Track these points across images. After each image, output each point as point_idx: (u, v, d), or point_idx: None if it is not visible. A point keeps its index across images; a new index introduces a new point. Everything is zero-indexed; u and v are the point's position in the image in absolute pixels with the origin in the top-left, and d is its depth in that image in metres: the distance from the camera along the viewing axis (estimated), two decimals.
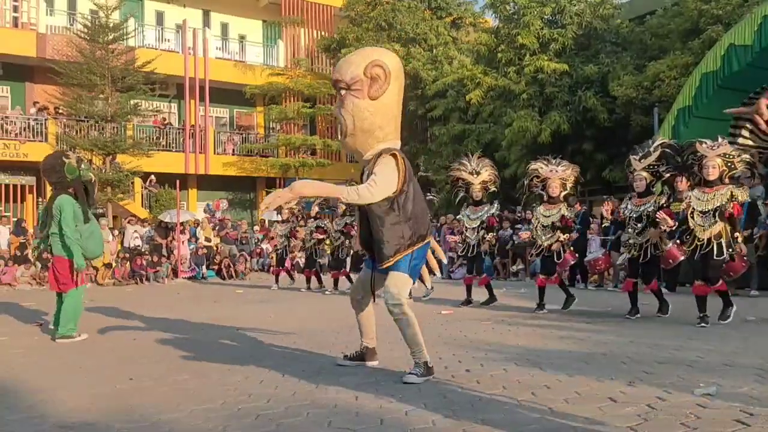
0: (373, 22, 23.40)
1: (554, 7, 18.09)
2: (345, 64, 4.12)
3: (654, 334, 5.97)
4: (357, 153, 4.17)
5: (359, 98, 3.97)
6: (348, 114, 3.97)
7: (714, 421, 2.97)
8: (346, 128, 4.00)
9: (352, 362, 4.56)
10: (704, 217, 6.67)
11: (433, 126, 22.26)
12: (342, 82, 3.99)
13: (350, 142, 4.07)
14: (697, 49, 13.87)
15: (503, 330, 6.50)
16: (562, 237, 8.02)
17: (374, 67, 3.99)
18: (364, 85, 3.97)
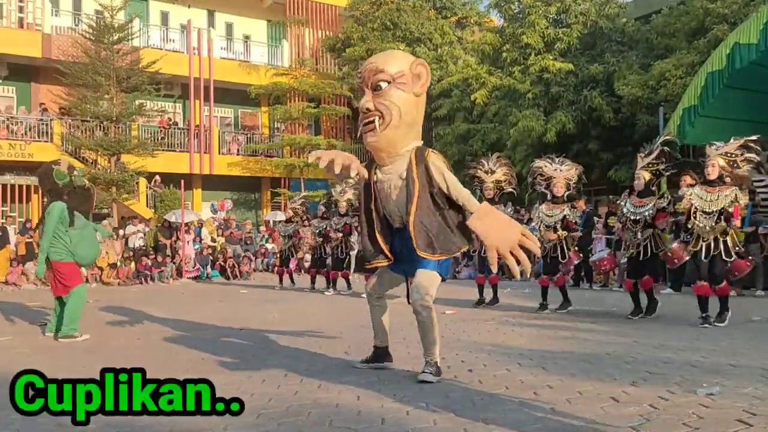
0: (378, 22, 23.38)
1: (559, 6, 18.03)
2: (388, 57, 4.16)
3: (658, 335, 5.94)
4: (392, 146, 4.05)
5: (406, 92, 4.00)
6: (394, 105, 3.95)
7: (716, 421, 2.95)
8: (390, 119, 3.94)
9: (368, 364, 4.50)
10: (708, 217, 6.64)
11: (438, 126, 22.24)
12: (386, 74, 3.97)
13: (391, 134, 3.99)
14: (702, 48, 13.81)
15: (507, 330, 6.48)
16: (561, 234, 7.99)
17: (418, 66, 4.09)
18: (409, 80, 4.01)
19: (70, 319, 6.39)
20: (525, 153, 18.27)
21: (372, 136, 4.02)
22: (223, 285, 15.14)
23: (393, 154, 4.06)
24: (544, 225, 8.13)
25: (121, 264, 15.70)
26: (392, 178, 4.09)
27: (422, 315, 4.02)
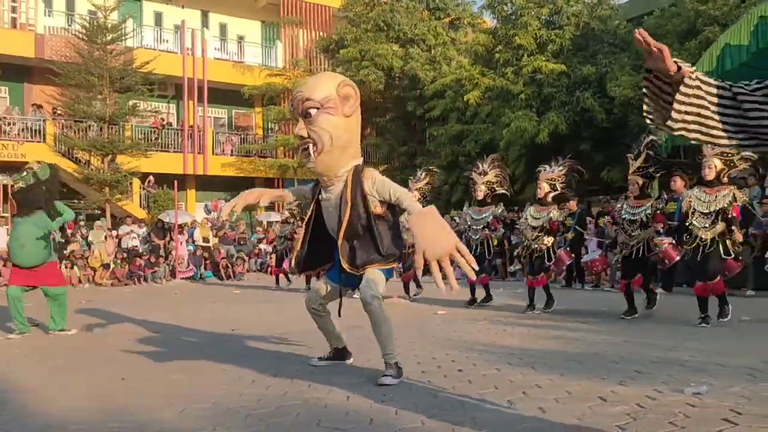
0: (372, 23, 23.40)
1: (552, 8, 18.10)
2: (315, 84, 4.25)
3: (648, 334, 5.97)
4: (329, 170, 4.22)
5: (334, 115, 4.10)
6: (325, 131, 4.07)
7: (703, 420, 2.97)
8: (322, 145, 4.07)
9: (328, 362, 4.64)
10: (706, 217, 6.68)
11: (432, 126, 22.29)
12: (314, 101, 4.08)
13: (326, 159, 4.14)
14: (694, 49, 13.87)
15: (498, 330, 6.50)
16: (547, 241, 8.05)
17: (345, 87, 4.18)
18: (337, 103, 4.12)
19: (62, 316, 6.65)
20: (518, 153, 18.32)
21: (309, 162, 4.18)
22: (216, 286, 15.13)
23: (332, 176, 4.22)
24: (530, 226, 8.18)
25: (115, 265, 15.67)
26: (332, 198, 4.26)
27: (372, 305, 4.10)
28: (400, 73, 23.12)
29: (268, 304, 10.00)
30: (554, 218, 8.07)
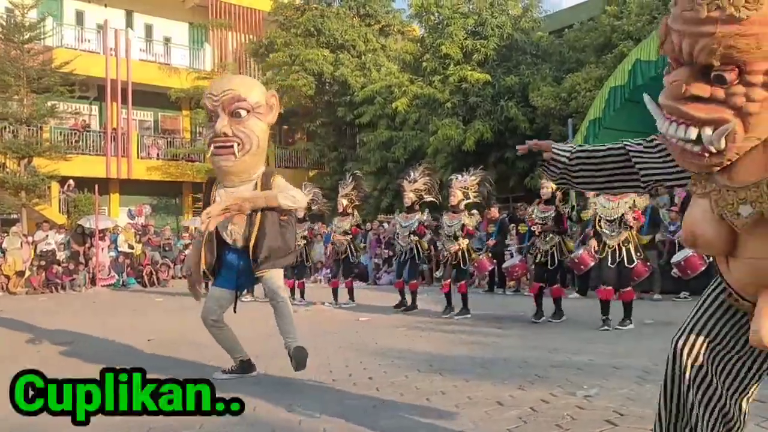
0: (302, 28, 23.36)
1: (477, 18, 18.52)
2: (248, 86, 4.35)
3: (556, 338, 6.22)
4: (246, 172, 4.32)
5: (262, 121, 4.27)
6: (254, 134, 4.19)
7: (587, 422, 3.15)
8: (250, 147, 4.17)
9: (232, 375, 4.59)
10: (610, 225, 7.04)
11: (362, 132, 22.42)
12: (247, 103, 4.18)
13: (249, 160, 4.24)
14: (610, 63, 14.47)
15: (415, 336, 6.64)
16: (462, 243, 8.30)
17: (272, 97, 4.38)
18: (265, 110, 4.28)
19: None
20: (445, 161, 18.64)
21: (228, 160, 4.21)
22: (138, 293, 14.76)
23: (245, 179, 4.31)
24: (445, 234, 8.42)
25: (30, 272, 15.08)
26: None
27: (279, 300, 4.33)
28: (331, 78, 23.17)
29: (192, 311, 9.79)
30: (467, 224, 8.33)
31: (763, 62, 1.51)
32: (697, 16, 1.54)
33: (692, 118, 1.59)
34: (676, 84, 1.62)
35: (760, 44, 1.49)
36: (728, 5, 1.49)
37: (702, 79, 1.58)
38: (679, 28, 1.59)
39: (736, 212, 1.67)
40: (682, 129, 1.61)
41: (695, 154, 1.63)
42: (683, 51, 1.59)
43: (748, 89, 1.54)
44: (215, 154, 4.25)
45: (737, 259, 1.77)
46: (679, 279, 9.24)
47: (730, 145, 1.57)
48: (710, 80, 1.56)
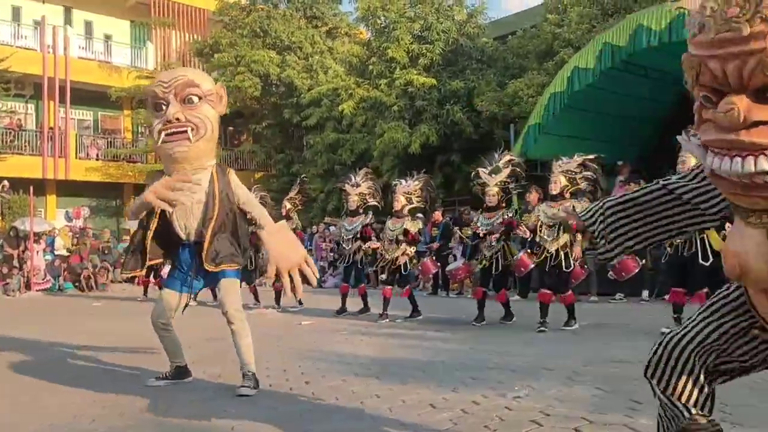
0: (248, 28, 23.12)
1: (423, 23, 18.68)
2: (198, 74, 4.37)
3: (494, 341, 6.33)
4: (199, 159, 4.18)
5: (214, 109, 4.21)
6: (208, 120, 4.12)
7: (514, 423, 3.22)
8: (205, 132, 4.10)
9: (167, 381, 4.50)
10: (551, 230, 7.24)
11: (309, 134, 22.33)
12: (200, 89, 4.15)
13: (203, 146, 4.15)
14: (551, 69, 14.79)
15: (356, 340, 6.66)
16: (409, 250, 8.38)
17: (221, 89, 4.36)
18: (216, 99, 4.24)
19: None
20: (392, 163, 18.73)
21: (182, 146, 4.09)
22: (76, 298, 14.36)
23: (197, 166, 4.17)
24: (387, 239, 8.48)
25: None
26: (199, 191, 4.17)
27: (236, 324, 4.17)
28: (277, 80, 23.00)
29: (130, 317, 9.62)
30: (409, 229, 8.40)
31: None
32: (740, 34, 1.39)
33: (760, 146, 1.42)
34: (731, 113, 1.43)
35: None
36: (759, 21, 1.36)
37: (761, 101, 1.42)
38: (718, 53, 1.44)
39: None
40: (750, 162, 1.43)
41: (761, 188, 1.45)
42: (730, 76, 1.43)
43: None
44: (167, 141, 4.09)
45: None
46: (615, 281, 9.52)
47: None
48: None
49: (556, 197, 7.21)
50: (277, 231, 4.19)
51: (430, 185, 8.75)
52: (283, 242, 4.12)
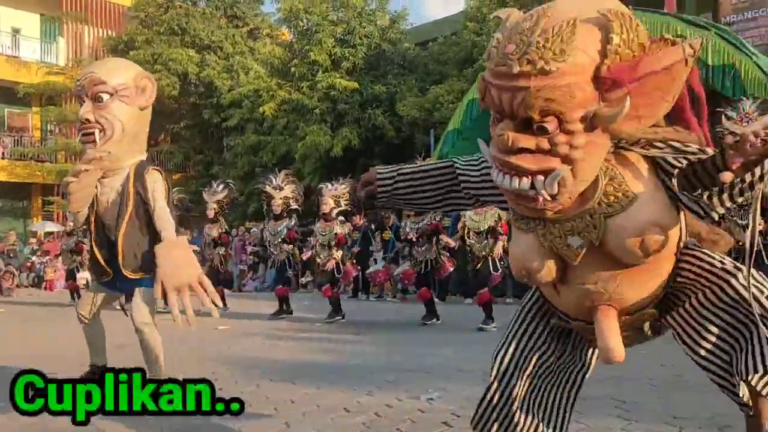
0: (165, 26, 22.55)
1: (345, 27, 18.74)
2: (111, 68, 4.09)
3: (412, 343, 6.39)
4: (113, 161, 4.00)
5: (128, 105, 3.97)
6: (116, 119, 3.91)
7: (425, 425, 3.26)
8: (112, 134, 3.90)
9: None
10: (478, 236, 7.43)
11: (229, 136, 21.97)
12: (108, 86, 3.91)
13: (113, 148, 3.95)
14: (470, 76, 15.12)
15: (273, 344, 6.58)
16: (337, 254, 8.39)
17: (144, 78, 4.08)
18: (133, 92, 3.99)
19: None
20: (313, 166, 18.68)
21: (92, 148, 3.93)
22: None
23: (115, 167, 4.03)
24: (319, 243, 8.48)
25: None
26: (111, 191, 4.04)
27: (144, 333, 4.00)
28: (196, 79, 22.52)
29: (36, 323, 9.17)
30: (339, 233, 8.42)
31: (579, 110, 1.54)
32: (511, 71, 1.54)
33: (524, 169, 1.60)
34: (502, 138, 1.62)
35: (574, 93, 1.52)
36: (538, 59, 1.51)
37: (526, 130, 1.59)
38: (496, 83, 1.60)
39: (566, 244, 1.71)
40: (516, 180, 1.63)
41: (530, 200, 1.65)
42: (503, 105, 1.60)
43: (569, 137, 1.56)
44: (82, 141, 3.99)
45: (567, 285, 1.81)
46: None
47: (562, 190, 1.62)
48: (533, 131, 1.57)
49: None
50: (174, 246, 3.83)
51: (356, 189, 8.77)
52: (175, 259, 3.73)
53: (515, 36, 1.57)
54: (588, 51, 1.53)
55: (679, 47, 1.57)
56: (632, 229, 1.65)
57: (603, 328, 1.74)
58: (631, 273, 1.74)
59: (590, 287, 1.76)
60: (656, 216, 1.67)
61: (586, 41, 1.53)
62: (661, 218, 1.68)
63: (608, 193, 1.67)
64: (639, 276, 1.75)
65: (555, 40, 1.52)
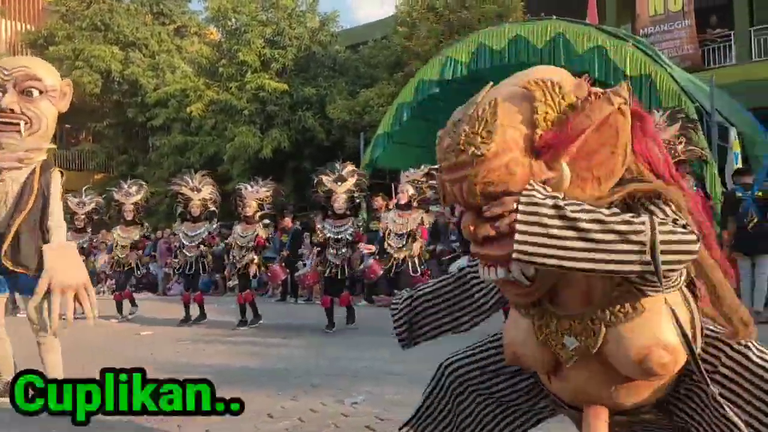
0: (88, 21, 21.78)
1: (275, 28, 18.57)
2: (44, 67, 4.14)
3: (339, 346, 6.39)
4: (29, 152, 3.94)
5: (54, 106, 4.04)
6: (44, 116, 3.95)
7: (349, 429, 3.27)
8: (39, 128, 3.92)
9: None
10: (399, 238, 7.47)
11: (155, 135, 21.41)
12: (42, 83, 3.95)
13: (31, 141, 3.94)
14: (400, 80, 15.25)
15: (197, 349, 6.45)
16: (256, 258, 8.31)
17: (67, 86, 4.16)
18: (59, 95, 4.07)
19: None
20: (242, 168, 18.40)
21: (12, 137, 3.90)
22: None
23: (24, 161, 3.96)
24: (237, 245, 8.35)
25: None
26: (12, 183, 3.92)
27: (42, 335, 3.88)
28: (120, 77, 21.85)
29: None
30: (260, 235, 8.33)
31: (521, 185, 1.49)
32: (450, 164, 1.55)
33: (494, 257, 1.56)
34: (466, 230, 1.60)
35: (512, 170, 1.49)
36: (468, 147, 1.50)
37: (481, 219, 1.56)
38: (445, 177, 1.60)
39: (561, 342, 1.64)
40: (492, 271, 1.58)
41: (515, 287, 1.60)
42: (457, 198, 1.59)
43: None
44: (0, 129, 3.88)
45: (560, 380, 1.74)
46: None
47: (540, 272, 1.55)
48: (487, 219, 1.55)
49: (404, 206, 7.45)
50: (66, 248, 3.91)
51: (279, 192, 8.75)
52: (67, 261, 3.79)
53: (450, 129, 1.59)
54: (515, 125, 1.51)
55: (605, 99, 1.52)
56: (635, 347, 1.55)
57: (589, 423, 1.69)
58: (632, 384, 1.64)
59: (583, 388, 1.68)
60: (664, 335, 1.55)
61: (512, 117, 1.51)
62: (669, 338, 1.56)
63: (614, 298, 1.57)
64: (641, 388, 1.65)
65: (480, 124, 1.51)
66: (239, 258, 8.34)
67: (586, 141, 1.51)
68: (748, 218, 7.39)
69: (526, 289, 1.59)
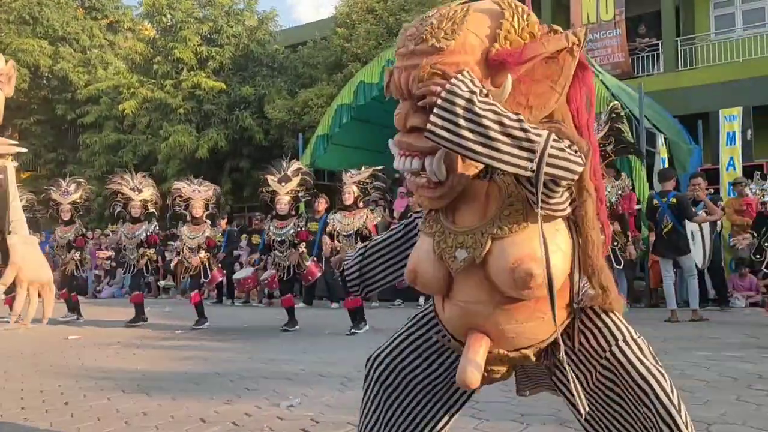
0: (15, 14, 20.93)
1: (212, 25, 18.27)
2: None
3: (274, 349, 6.32)
4: None
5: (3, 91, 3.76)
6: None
7: None
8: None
9: None
10: (347, 238, 7.45)
11: (86, 133, 20.72)
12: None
13: None
14: (340, 81, 15.21)
15: (128, 354, 6.27)
16: (205, 259, 8.25)
17: (12, 68, 3.87)
18: (4, 79, 3.79)
19: None
20: (178, 168, 18.02)
21: None
22: None
23: None
24: (187, 247, 8.24)
25: None
26: None
27: None
28: (49, 72, 21.07)
29: None
30: (209, 236, 8.28)
31: None
32: (407, 51, 1.63)
33: (415, 148, 1.64)
34: (398, 117, 1.67)
35: (460, 70, 1.55)
36: (430, 38, 1.59)
37: (420, 110, 1.61)
38: (397, 65, 1.67)
39: (453, 255, 1.70)
40: (409, 161, 1.66)
41: (424, 186, 1.67)
42: (401, 86, 1.65)
43: None
44: None
45: (451, 301, 1.78)
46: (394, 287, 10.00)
47: (451, 173, 1.64)
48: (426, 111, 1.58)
49: (350, 207, 7.45)
50: (33, 243, 3.78)
51: (218, 193, 8.72)
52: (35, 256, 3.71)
53: (417, 23, 1.67)
54: (479, 34, 1.60)
55: (563, 35, 1.62)
56: (512, 257, 1.62)
57: (468, 355, 1.73)
58: (511, 306, 1.69)
59: (469, 307, 1.73)
60: (539, 251, 1.61)
61: (478, 25, 1.60)
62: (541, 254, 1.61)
63: (504, 216, 1.66)
64: (518, 312, 1.70)
65: (447, 22, 1.60)
66: (189, 259, 8.24)
67: (534, 68, 1.61)
68: (663, 223, 7.82)
69: (437, 192, 1.68)
